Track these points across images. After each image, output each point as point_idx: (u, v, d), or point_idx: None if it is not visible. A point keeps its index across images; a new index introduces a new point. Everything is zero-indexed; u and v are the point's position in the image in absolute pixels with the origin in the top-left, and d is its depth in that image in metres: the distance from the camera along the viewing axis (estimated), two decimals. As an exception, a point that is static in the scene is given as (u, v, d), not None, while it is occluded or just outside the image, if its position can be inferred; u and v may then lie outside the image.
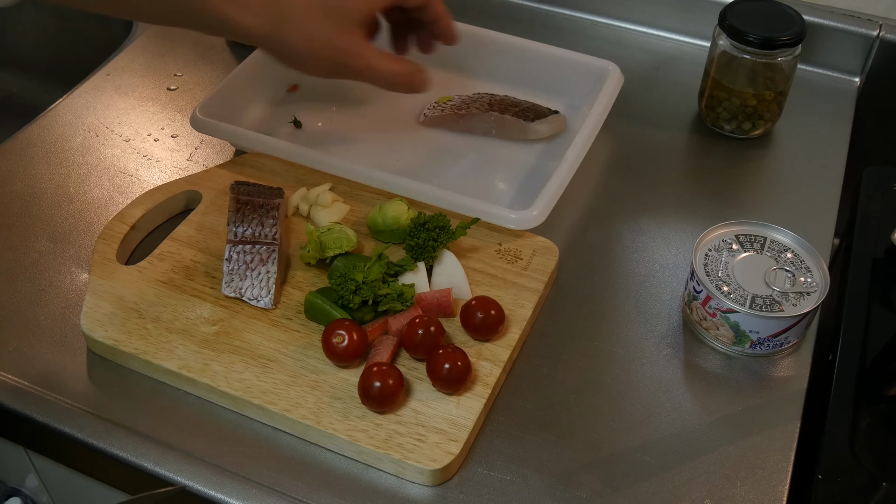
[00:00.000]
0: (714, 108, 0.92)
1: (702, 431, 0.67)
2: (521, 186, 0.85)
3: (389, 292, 0.71)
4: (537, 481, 0.64)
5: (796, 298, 0.71)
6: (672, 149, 0.93)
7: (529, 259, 0.77)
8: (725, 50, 0.88)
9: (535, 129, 0.88)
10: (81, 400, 0.68)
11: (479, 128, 0.90)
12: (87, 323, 0.71)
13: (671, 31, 1.07)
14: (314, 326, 0.71)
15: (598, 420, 0.68)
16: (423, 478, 0.63)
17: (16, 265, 0.79)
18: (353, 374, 0.68)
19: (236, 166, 0.85)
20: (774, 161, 0.91)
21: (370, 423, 0.65)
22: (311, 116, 0.93)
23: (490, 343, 0.70)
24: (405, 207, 0.77)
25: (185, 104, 0.96)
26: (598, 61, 0.92)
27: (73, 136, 0.92)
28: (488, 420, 0.68)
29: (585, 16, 1.09)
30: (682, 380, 0.71)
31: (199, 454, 0.65)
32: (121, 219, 0.79)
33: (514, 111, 0.89)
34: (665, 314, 0.76)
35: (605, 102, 0.87)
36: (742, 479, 0.64)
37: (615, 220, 0.84)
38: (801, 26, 0.87)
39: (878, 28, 0.98)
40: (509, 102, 0.90)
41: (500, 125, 0.89)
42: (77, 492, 0.81)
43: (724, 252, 0.74)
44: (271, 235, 0.74)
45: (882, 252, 0.80)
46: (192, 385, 0.68)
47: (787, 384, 0.71)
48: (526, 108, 0.90)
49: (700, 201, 0.86)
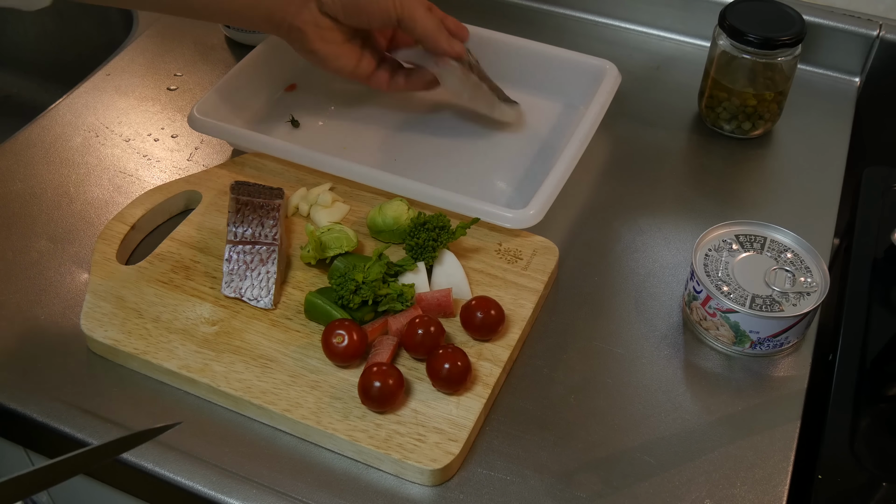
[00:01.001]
0: (714, 108, 0.92)
1: (702, 431, 0.67)
2: (521, 186, 0.85)
3: (389, 292, 0.71)
4: (537, 481, 0.64)
5: (796, 298, 0.71)
6: (672, 149, 0.93)
7: (529, 259, 0.77)
8: (725, 50, 0.88)
9: (502, 109, 0.89)
10: (81, 400, 0.68)
11: (451, 82, 0.85)
12: (87, 323, 0.71)
13: (671, 31, 1.07)
14: (314, 326, 0.71)
15: (598, 420, 0.68)
16: (423, 478, 0.63)
17: (16, 265, 0.79)
18: (353, 374, 0.68)
19: (236, 166, 0.85)
20: (774, 161, 0.91)
21: (370, 423, 0.65)
22: (311, 116, 0.93)
23: (490, 343, 0.70)
24: (405, 207, 0.77)
25: (185, 104, 0.96)
26: (596, 60, 0.92)
27: (73, 136, 0.92)
28: (488, 420, 0.68)
29: (585, 16, 1.09)
30: (682, 380, 0.71)
31: (199, 454, 0.65)
32: (121, 219, 0.79)
33: (489, 84, 0.88)
34: (665, 314, 0.76)
35: (602, 101, 0.87)
36: (742, 479, 0.64)
37: (615, 219, 0.84)
38: (801, 26, 0.87)
39: (878, 28, 0.98)
40: (483, 75, 0.88)
41: (475, 92, 0.87)
42: (77, 492, 0.81)
43: (724, 252, 0.74)
44: (271, 236, 0.74)
45: (882, 252, 0.80)
46: (192, 385, 0.68)
47: (787, 384, 0.71)
48: (494, 87, 0.89)
49: (700, 201, 0.86)
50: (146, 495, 0.69)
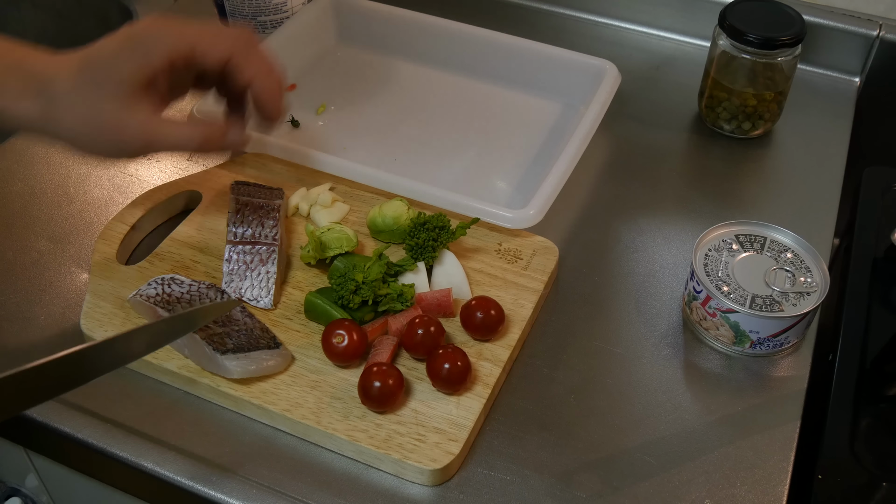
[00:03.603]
0: (714, 108, 0.92)
1: (702, 431, 0.67)
2: (521, 186, 0.85)
3: (389, 292, 0.71)
4: (537, 481, 0.64)
5: (796, 298, 0.71)
6: (672, 149, 0.93)
7: (529, 259, 0.77)
8: (725, 50, 0.88)
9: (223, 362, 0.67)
10: (81, 400, 0.68)
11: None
12: (87, 323, 0.71)
13: (671, 31, 1.07)
14: (314, 326, 0.71)
15: (598, 420, 0.68)
16: (423, 478, 0.63)
17: (16, 265, 0.79)
18: (353, 374, 0.68)
19: (236, 166, 0.85)
20: (774, 161, 0.91)
21: (370, 423, 0.65)
22: (311, 116, 0.93)
23: (490, 343, 0.70)
24: (405, 207, 0.77)
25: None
26: (596, 60, 0.92)
27: (73, 136, 0.92)
28: (488, 420, 0.68)
29: (585, 16, 1.09)
30: (682, 380, 0.71)
31: (199, 454, 0.65)
32: (121, 219, 0.79)
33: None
34: (665, 314, 0.76)
35: (602, 101, 0.87)
36: (742, 479, 0.64)
37: (615, 219, 0.84)
38: (801, 26, 0.87)
39: (878, 28, 0.98)
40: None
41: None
42: (77, 492, 0.81)
43: (724, 252, 0.74)
44: (271, 236, 0.74)
45: (882, 252, 0.80)
46: (193, 385, 0.68)
47: (787, 384, 0.71)
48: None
49: (700, 201, 0.86)
50: (146, 495, 0.69)
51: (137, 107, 0.64)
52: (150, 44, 0.63)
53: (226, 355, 0.64)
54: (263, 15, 1.00)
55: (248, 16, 1.00)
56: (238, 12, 1.00)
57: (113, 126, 0.64)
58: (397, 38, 1.00)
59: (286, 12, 1.00)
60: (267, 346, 0.66)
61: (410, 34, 0.99)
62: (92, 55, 0.63)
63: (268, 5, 0.99)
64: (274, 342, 0.67)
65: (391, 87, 0.98)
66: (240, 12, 1.00)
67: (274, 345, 0.67)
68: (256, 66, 0.67)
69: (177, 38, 0.64)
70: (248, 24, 1.01)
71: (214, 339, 0.65)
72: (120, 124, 0.63)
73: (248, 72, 0.66)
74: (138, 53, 0.63)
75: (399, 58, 1.01)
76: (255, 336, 0.67)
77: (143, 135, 0.64)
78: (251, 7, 0.99)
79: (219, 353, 0.64)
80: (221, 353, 0.64)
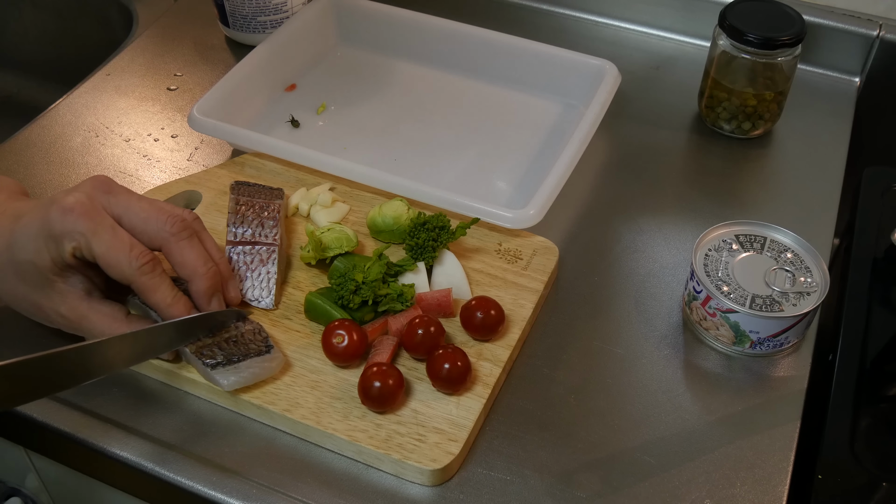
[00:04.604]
0: (714, 108, 0.92)
1: (702, 431, 0.67)
2: (521, 186, 0.85)
3: (389, 292, 0.71)
4: (537, 481, 0.64)
5: (796, 298, 0.71)
6: (672, 149, 0.93)
7: (529, 259, 0.77)
8: (725, 50, 0.88)
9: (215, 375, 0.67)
10: (81, 400, 0.68)
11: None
12: (87, 323, 0.71)
13: (671, 31, 1.07)
14: (314, 326, 0.71)
15: (598, 420, 0.68)
16: (423, 478, 0.63)
17: (16, 265, 0.79)
18: (353, 374, 0.68)
19: (236, 166, 0.85)
20: (774, 161, 0.91)
21: (370, 423, 0.65)
22: (311, 116, 0.93)
23: (490, 343, 0.70)
24: (405, 207, 0.77)
25: (185, 104, 0.96)
26: (596, 60, 0.92)
27: (73, 136, 0.92)
28: (488, 420, 0.68)
29: (585, 16, 1.09)
30: (682, 380, 0.71)
31: (199, 454, 0.65)
32: (121, 219, 0.79)
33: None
34: (665, 314, 0.76)
35: (602, 101, 0.87)
36: (742, 479, 0.64)
37: (615, 220, 0.84)
38: (801, 26, 0.87)
39: (878, 28, 0.98)
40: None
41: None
42: (77, 492, 0.81)
43: (723, 252, 0.74)
44: (271, 236, 0.74)
45: (882, 252, 0.80)
46: (193, 385, 0.68)
47: (787, 384, 0.71)
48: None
49: (700, 201, 0.86)
50: (146, 495, 0.69)
51: (57, 288, 0.63)
52: (60, 240, 0.62)
53: (216, 370, 0.64)
54: (263, 15, 1.00)
55: (247, 16, 1.00)
56: (238, 12, 1.00)
57: (34, 310, 0.65)
58: (397, 38, 1.00)
59: (286, 12, 1.00)
60: (257, 352, 0.66)
61: (410, 34, 0.99)
62: (15, 237, 0.63)
63: (268, 5, 0.99)
64: (266, 345, 0.66)
65: (391, 87, 0.98)
66: (240, 12, 1.00)
67: (265, 349, 0.66)
68: (182, 265, 0.65)
69: (86, 240, 0.61)
70: (249, 24, 1.01)
71: (204, 350, 0.65)
72: (42, 308, 0.65)
73: (178, 268, 0.65)
74: (51, 247, 0.62)
75: (399, 58, 1.01)
76: (244, 342, 0.66)
77: (65, 322, 0.65)
78: (251, 7, 0.99)
79: (209, 367, 0.64)
80: (212, 368, 0.64)
